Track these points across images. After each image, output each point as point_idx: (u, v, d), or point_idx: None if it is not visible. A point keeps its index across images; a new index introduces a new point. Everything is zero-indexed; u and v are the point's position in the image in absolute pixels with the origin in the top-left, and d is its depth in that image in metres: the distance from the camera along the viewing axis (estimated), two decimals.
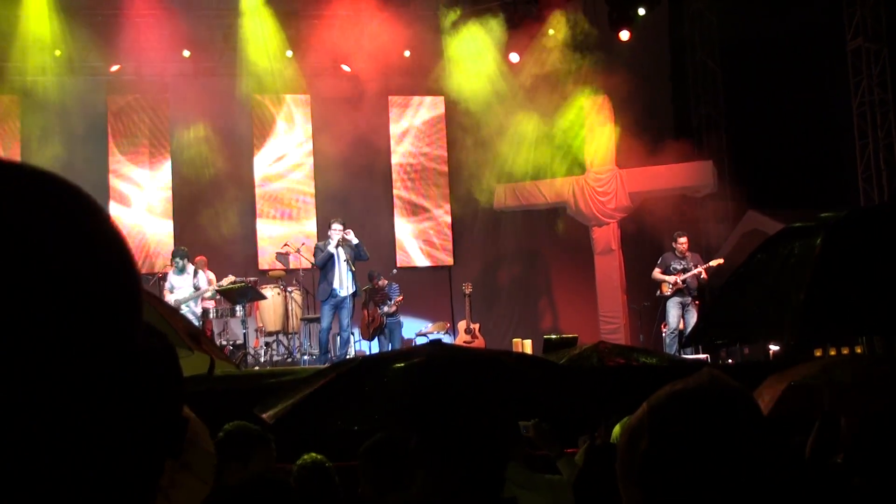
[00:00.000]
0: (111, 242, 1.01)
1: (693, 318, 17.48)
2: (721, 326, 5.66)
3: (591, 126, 19.85)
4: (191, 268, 16.98)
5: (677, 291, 17.31)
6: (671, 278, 17.30)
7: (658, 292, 17.73)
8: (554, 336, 16.96)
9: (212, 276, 17.73)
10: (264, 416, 5.35)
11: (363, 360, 5.82)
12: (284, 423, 5.37)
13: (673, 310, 17.37)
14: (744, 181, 20.04)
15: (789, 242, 5.18)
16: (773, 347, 17.40)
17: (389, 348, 17.51)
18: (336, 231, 16.33)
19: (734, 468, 1.87)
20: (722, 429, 1.90)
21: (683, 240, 17.41)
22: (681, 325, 17.45)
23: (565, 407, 6.04)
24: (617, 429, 7.06)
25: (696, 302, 17.66)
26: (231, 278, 17.35)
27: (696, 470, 1.87)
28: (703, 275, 17.40)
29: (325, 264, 16.30)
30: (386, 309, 17.62)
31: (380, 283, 17.82)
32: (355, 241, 16.35)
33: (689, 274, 17.24)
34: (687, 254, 17.43)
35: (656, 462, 1.90)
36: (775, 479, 1.90)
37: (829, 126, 20.96)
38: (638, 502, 1.94)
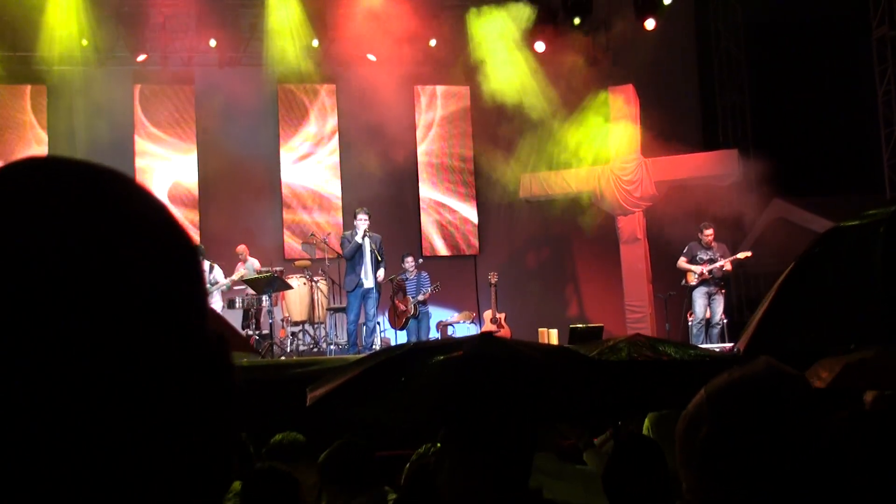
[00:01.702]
0: (175, 233, 1.04)
1: (720, 306, 17.47)
2: (782, 335, 5.62)
3: (617, 115, 19.78)
4: (206, 264, 17.05)
5: (703, 281, 17.31)
6: (697, 268, 17.30)
7: (683, 281, 17.72)
8: (580, 325, 16.99)
9: (256, 263, 17.89)
10: (309, 395, 5.39)
11: (407, 350, 5.84)
12: (320, 407, 5.40)
13: (699, 300, 17.37)
14: (769, 169, 19.97)
15: (844, 241, 5.13)
16: None
17: (418, 338, 17.62)
18: (362, 220, 16.35)
19: (793, 453, 1.91)
20: (781, 415, 1.94)
21: (709, 231, 17.40)
22: (707, 315, 17.45)
23: (598, 402, 6.05)
24: (647, 422, 7.06)
25: (723, 291, 17.64)
26: (242, 272, 17.46)
27: (756, 455, 1.91)
28: (728, 266, 17.40)
29: (353, 255, 16.33)
30: (421, 297, 17.63)
31: (409, 269, 17.87)
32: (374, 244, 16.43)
33: (715, 265, 17.23)
34: (713, 244, 17.42)
35: (717, 448, 1.94)
36: (832, 462, 1.94)
37: (854, 114, 20.90)
38: (698, 487, 1.99)
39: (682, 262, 17.59)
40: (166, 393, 0.98)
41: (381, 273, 16.59)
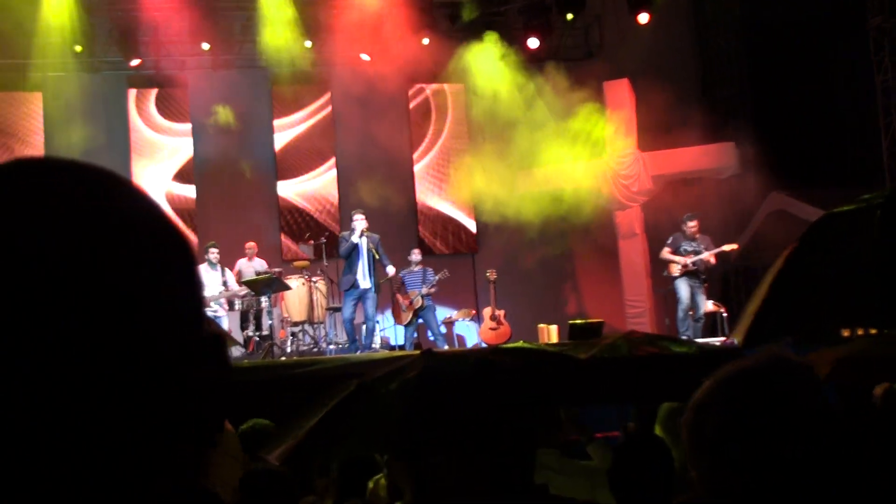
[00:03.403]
0: (170, 233, 1.03)
1: (703, 300, 17.40)
2: (780, 325, 5.57)
3: (613, 110, 19.76)
4: (218, 268, 17.12)
5: (687, 273, 17.23)
6: (681, 259, 17.22)
7: (665, 272, 17.69)
8: (579, 321, 16.99)
9: (264, 263, 17.88)
10: (270, 457, 5.31)
11: (356, 388, 5.79)
12: (292, 462, 5.34)
13: (683, 288, 17.27)
14: (767, 162, 19.93)
15: (838, 227, 5.12)
16: None
17: (429, 333, 17.71)
18: (359, 221, 16.39)
19: (801, 441, 1.91)
20: (789, 404, 1.95)
21: (693, 223, 17.32)
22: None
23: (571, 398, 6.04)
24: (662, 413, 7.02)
25: (706, 285, 17.57)
26: (252, 270, 17.50)
27: (764, 443, 1.92)
28: (713, 260, 17.33)
29: (349, 254, 16.37)
30: (425, 290, 17.61)
31: (414, 261, 17.92)
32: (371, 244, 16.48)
33: (699, 257, 17.16)
34: (697, 236, 17.36)
35: (726, 436, 1.95)
36: (839, 452, 1.95)
37: (853, 104, 20.86)
38: (707, 475, 1.99)
39: (666, 253, 17.51)
40: (162, 390, 0.97)
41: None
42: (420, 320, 17.73)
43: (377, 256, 16.43)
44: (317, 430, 5.31)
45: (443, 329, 18.55)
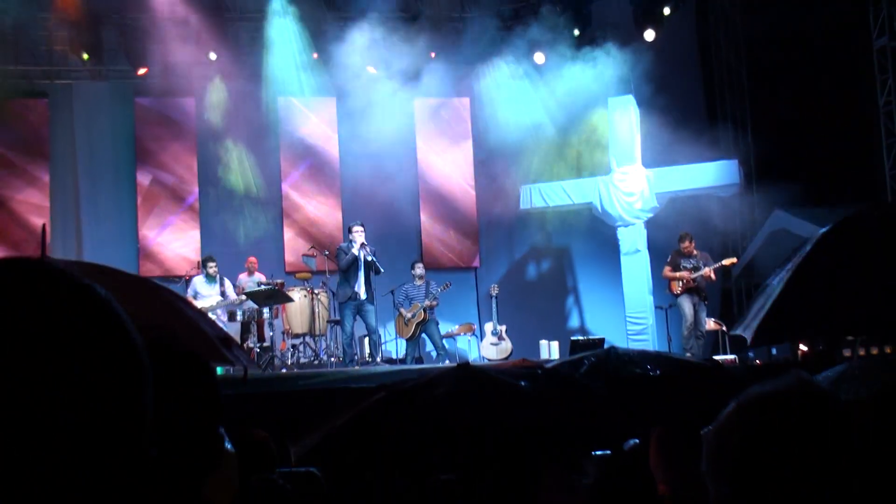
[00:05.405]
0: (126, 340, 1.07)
1: (704, 316, 17.44)
2: (793, 322, 5.55)
3: (617, 126, 19.79)
4: (217, 277, 17.11)
5: (688, 290, 17.26)
6: (684, 274, 17.25)
7: (667, 290, 17.71)
8: (581, 338, 17.00)
9: (262, 278, 17.86)
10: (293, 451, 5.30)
11: (382, 399, 5.74)
12: (310, 463, 5.31)
13: (686, 305, 17.31)
14: (770, 180, 19.94)
15: (853, 235, 5.11)
16: (802, 347, 17.38)
17: (429, 348, 17.71)
18: (358, 233, 16.42)
19: (823, 467, 1.93)
20: (812, 430, 1.96)
21: (686, 243, 17.40)
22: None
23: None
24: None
25: (706, 301, 17.60)
26: (250, 285, 17.49)
27: (786, 468, 1.93)
28: (713, 276, 17.33)
29: (349, 266, 16.38)
30: (428, 302, 17.57)
31: (418, 274, 17.92)
32: (370, 257, 16.45)
33: (699, 273, 17.19)
34: (695, 252, 17.40)
35: (747, 460, 1.97)
36: (862, 478, 1.96)
37: (856, 124, 20.87)
38: (727, 499, 2.01)
39: (667, 272, 17.57)
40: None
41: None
42: (423, 334, 17.70)
43: (376, 270, 16.47)
44: (339, 436, 5.27)
45: (445, 344, 18.53)
